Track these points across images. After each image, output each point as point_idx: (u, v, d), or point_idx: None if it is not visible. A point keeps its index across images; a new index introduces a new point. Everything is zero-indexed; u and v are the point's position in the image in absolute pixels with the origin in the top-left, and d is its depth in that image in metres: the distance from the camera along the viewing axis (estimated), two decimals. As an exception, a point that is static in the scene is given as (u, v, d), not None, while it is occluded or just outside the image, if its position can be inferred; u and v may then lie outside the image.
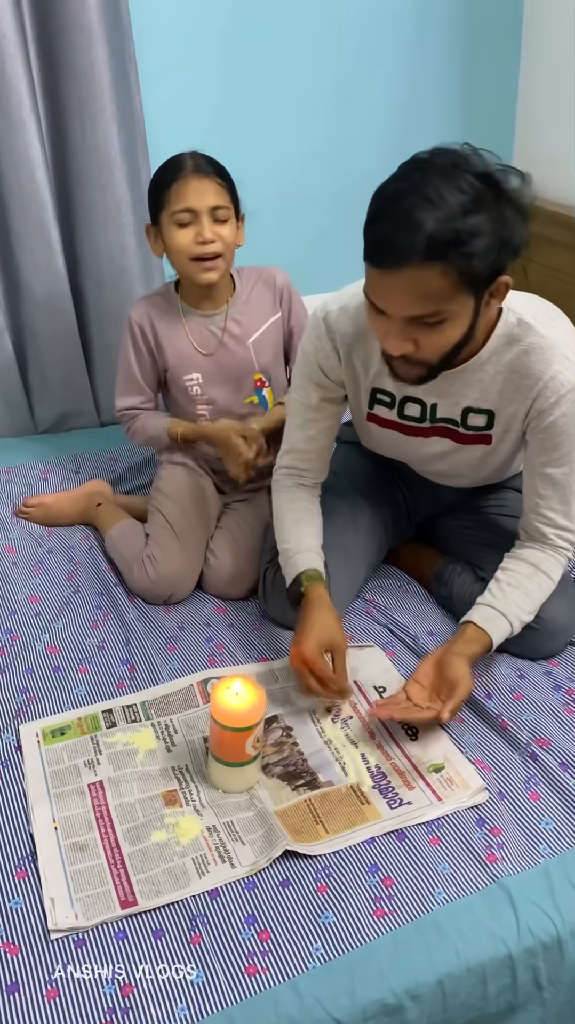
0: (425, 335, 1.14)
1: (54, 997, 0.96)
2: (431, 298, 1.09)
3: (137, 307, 1.68)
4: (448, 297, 1.10)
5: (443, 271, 1.07)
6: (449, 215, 1.05)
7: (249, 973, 0.98)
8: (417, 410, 1.37)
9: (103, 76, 1.88)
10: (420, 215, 1.05)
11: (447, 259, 1.06)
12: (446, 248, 1.05)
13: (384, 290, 1.12)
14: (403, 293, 1.10)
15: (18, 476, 1.97)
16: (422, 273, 1.07)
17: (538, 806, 1.18)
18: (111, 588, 1.61)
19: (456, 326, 1.15)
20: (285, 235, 2.17)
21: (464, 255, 1.06)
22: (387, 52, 2.26)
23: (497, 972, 1.02)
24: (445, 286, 1.08)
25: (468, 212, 1.05)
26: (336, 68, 2.23)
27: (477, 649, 1.30)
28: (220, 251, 1.54)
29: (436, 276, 1.07)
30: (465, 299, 1.12)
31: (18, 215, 1.93)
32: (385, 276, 1.10)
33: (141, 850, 1.11)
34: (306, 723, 1.32)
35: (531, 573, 1.34)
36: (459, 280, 1.08)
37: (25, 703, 1.35)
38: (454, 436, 1.39)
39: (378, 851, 1.12)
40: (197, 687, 1.37)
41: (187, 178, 1.50)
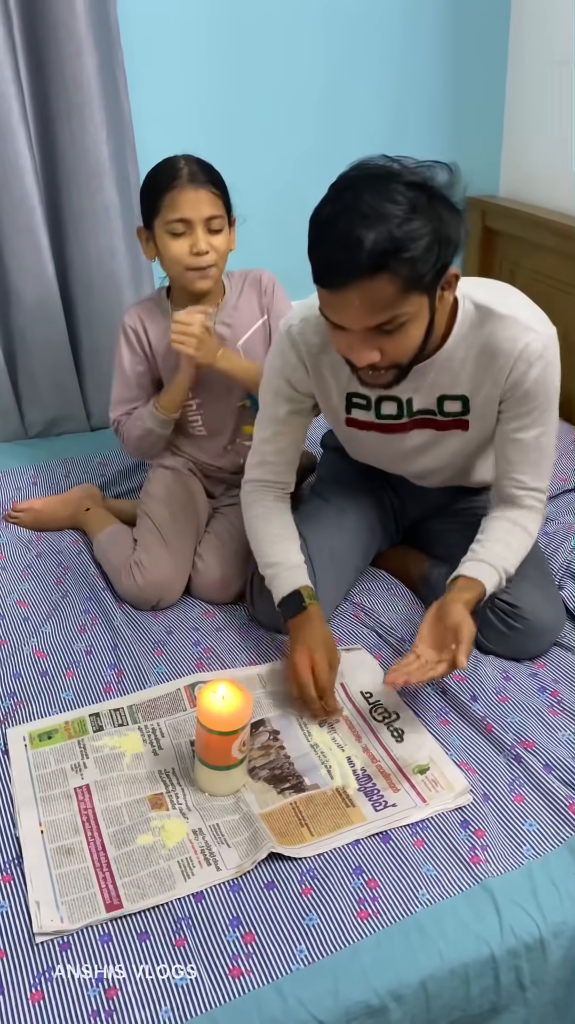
0: (388, 341, 1.17)
1: (38, 1000, 0.96)
2: (384, 306, 1.12)
3: (130, 313, 1.69)
4: (400, 302, 1.13)
5: (390, 279, 1.10)
6: (386, 226, 1.07)
7: (233, 975, 0.99)
8: (394, 407, 1.39)
9: (92, 82, 1.89)
10: (358, 232, 1.07)
11: (390, 268, 1.09)
12: (387, 257, 1.08)
13: (339, 308, 1.15)
14: (357, 308, 1.12)
15: (8, 481, 1.97)
16: (370, 286, 1.10)
17: (522, 808, 1.19)
18: (99, 592, 1.62)
19: (416, 325, 1.17)
20: (276, 240, 2.17)
21: (406, 260, 1.09)
22: (375, 56, 2.27)
23: (480, 973, 1.03)
24: (395, 292, 1.11)
25: (402, 220, 1.08)
26: (325, 73, 2.24)
27: (470, 596, 1.30)
28: (214, 261, 1.55)
29: (385, 285, 1.10)
30: (418, 299, 1.15)
31: (7, 221, 1.94)
32: (336, 295, 1.13)
33: (127, 853, 1.12)
34: (293, 726, 1.33)
35: (509, 527, 1.37)
36: (407, 284, 1.11)
37: (12, 707, 1.35)
38: (433, 425, 1.41)
39: (363, 853, 1.13)
40: (184, 691, 1.38)
41: (182, 187, 1.49)
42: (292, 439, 1.47)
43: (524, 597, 1.42)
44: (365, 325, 1.14)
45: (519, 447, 1.35)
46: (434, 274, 1.14)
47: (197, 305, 1.59)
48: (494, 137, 2.49)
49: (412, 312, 1.15)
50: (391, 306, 1.12)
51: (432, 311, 1.19)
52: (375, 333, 1.16)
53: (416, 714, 1.34)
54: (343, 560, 1.56)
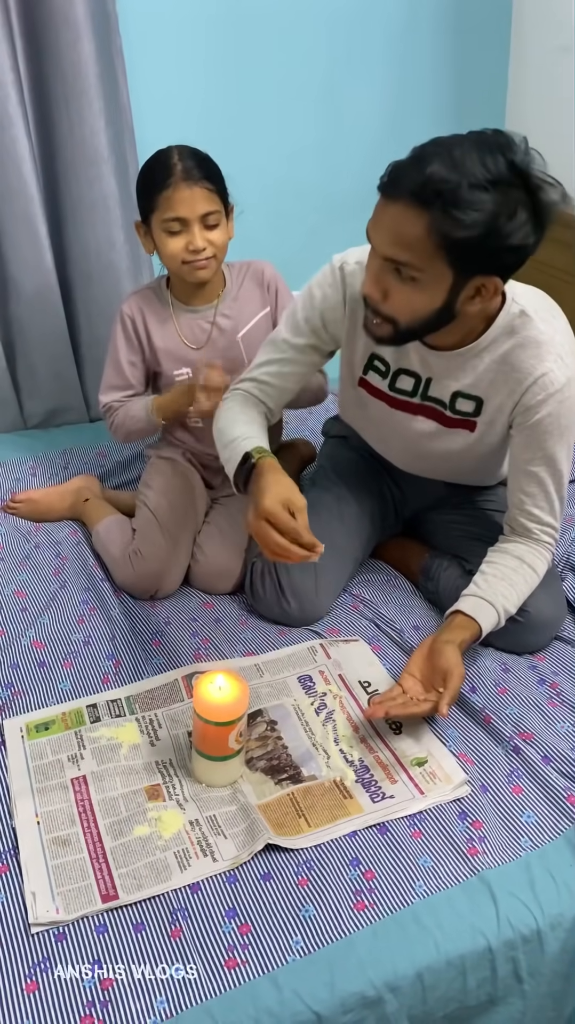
0: (395, 287, 1.15)
1: (34, 990, 0.96)
2: (408, 246, 1.10)
3: (128, 301, 1.68)
4: (425, 254, 1.10)
5: (426, 225, 1.08)
6: (458, 174, 1.05)
7: (229, 966, 0.98)
8: (410, 383, 1.37)
9: (90, 70, 1.87)
10: (433, 160, 1.07)
11: (430, 209, 1.06)
12: (434, 197, 1.06)
13: (377, 220, 1.14)
14: (387, 228, 1.12)
15: (6, 472, 1.96)
16: (408, 214, 1.08)
17: (520, 799, 1.19)
18: (98, 583, 1.61)
19: (424, 294, 1.14)
20: (274, 231, 2.16)
21: (450, 217, 1.06)
22: (377, 48, 2.25)
23: (477, 965, 1.02)
24: (424, 241, 1.09)
25: (476, 185, 1.05)
26: (326, 64, 2.22)
27: (466, 636, 1.29)
28: (212, 255, 1.54)
29: (418, 224, 1.08)
30: (442, 270, 1.11)
31: (5, 210, 1.93)
32: (383, 206, 1.12)
33: (123, 844, 1.11)
34: (290, 717, 1.32)
35: (516, 566, 1.34)
36: (439, 243, 1.08)
37: (10, 698, 1.35)
38: (440, 418, 1.39)
39: (360, 844, 1.12)
40: (182, 681, 1.38)
41: (177, 186, 1.48)
42: (297, 371, 1.43)
43: None
44: (383, 251, 1.13)
45: (533, 480, 1.32)
46: (470, 259, 1.10)
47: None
48: (496, 126, 2.47)
49: (427, 276, 1.12)
50: (413, 250, 1.10)
51: (451, 297, 1.15)
52: (389, 270, 1.14)
53: (414, 705, 1.33)
54: (342, 550, 1.55)
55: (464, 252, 1.09)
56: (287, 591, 1.49)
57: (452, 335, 1.27)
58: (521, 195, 1.08)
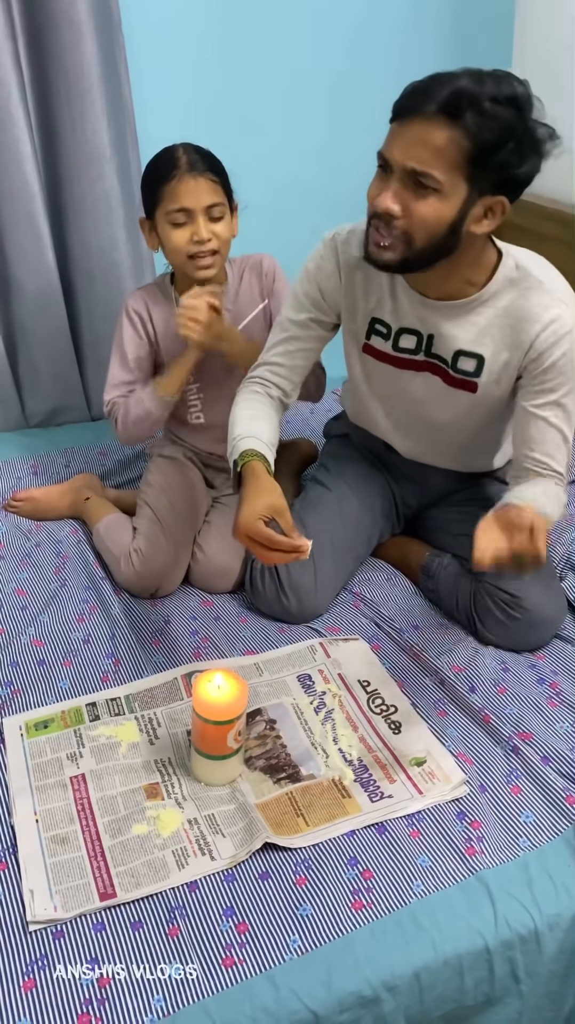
0: (414, 200, 1.18)
1: (31, 988, 0.96)
2: (435, 156, 1.15)
3: (134, 295, 1.68)
4: (448, 166, 1.15)
5: (449, 136, 1.13)
6: (481, 89, 1.12)
7: (226, 965, 0.98)
8: (412, 341, 1.39)
9: (92, 69, 1.87)
10: (459, 81, 1.14)
11: (461, 121, 1.12)
12: (465, 108, 1.12)
13: (397, 138, 1.18)
14: (412, 142, 1.16)
15: (8, 470, 1.97)
16: (433, 126, 1.14)
17: (519, 799, 1.19)
18: (98, 582, 1.61)
19: (443, 206, 1.18)
20: (277, 230, 2.16)
21: (477, 127, 1.12)
22: (380, 47, 2.25)
23: (474, 964, 1.02)
24: (450, 152, 1.14)
25: (497, 100, 1.13)
26: (329, 63, 2.22)
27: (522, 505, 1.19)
28: (216, 248, 1.54)
29: (442, 135, 1.14)
30: (459, 181, 1.16)
31: (7, 209, 1.93)
32: (403, 125, 1.17)
33: (122, 843, 1.12)
34: (289, 716, 1.32)
35: (542, 484, 1.31)
36: (464, 154, 1.14)
37: (9, 696, 1.35)
38: (444, 376, 1.40)
39: (358, 844, 1.12)
40: (181, 680, 1.38)
41: (182, 177, 1.48)
42: (304, 347, 1.47)
43: (525, 588, 1.41)
44: (408, 163, 1.16)
45: (541, 425, 1.31)
46: (489, 173, 1.16)
47: (203, 287, 1.57)
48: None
49: (447, 189, 1.16)
50: (437, 161, 1.15)
51: (463, 212, 1.19)
52: (409, 185, 1.18)
53: (413, 705, 1.33)
54: (343, 548, 1.55)
55: (481, 163, 1.15)
56: (287, 587, 1.49)
57: (451, 280, 1.30)
58: (525, 119, 1.16)
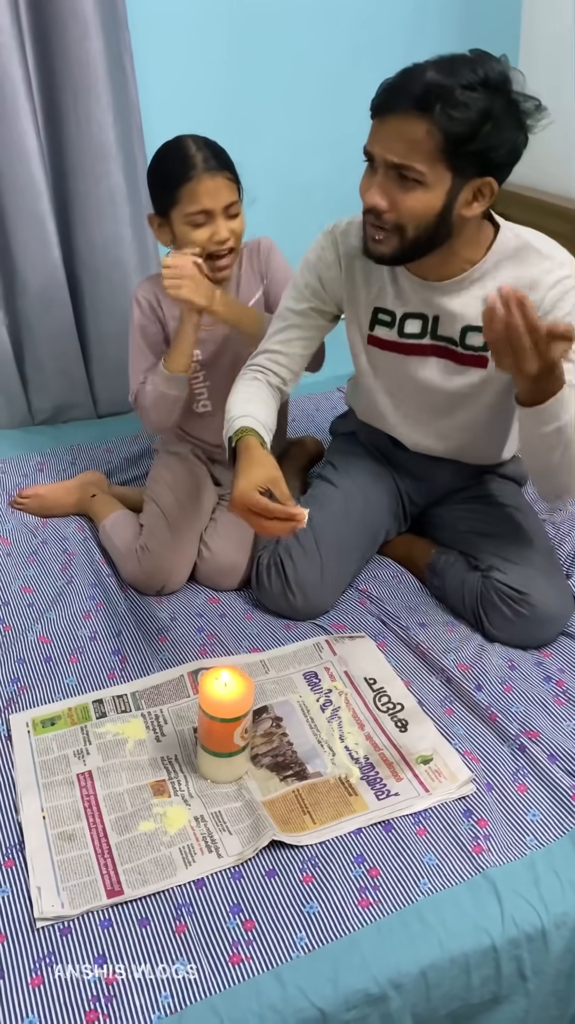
0: (400, 194, 1.20)
1: (38, 984, 0.96)
2: (413, 149, 1.17)
3: (143, 285, 1.68)
4: (428, 157, 1.17)
5: (428, 128, 1.15)
6: (449, 78, 1.14)
7: (233, 962, 0.99)
8: (418, 326, 1.40)
9: (98, 65, 1.87)
10: (425, 70, 1.16)
11: (433, 112, 1.14)
12: (435, 100, 1.13)
13: (377, 134, 1.21)
14: (390, 137, 1.19)
15: (14, 467, 1.97)
16: (410, 121, 1.16)
17: (526, 798, 1.18)
18: (104, 579, 1.61)
19: (430, 196, 1.20)
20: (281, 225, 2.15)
21: (449, 117, 1.14)
22: (384, 41, 2.24)
23: (481, 963, 1.02)
24: (427, 144, 1.16)
25: (468, 87, 1.14)
26: (334, 58, 2.21)
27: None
28: (234, 246, 1.54)
29: (421, 129, 1.15)
30: (442, 170, 1.18)
31: (13, 206, 1.93)
32: (380, 123, 1.20)
33: (128, 840, 1.12)
34: (296, 714, 1.32)
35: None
36: (441, 144, 1.16)
37: (16, 693, 1.35)
38: (453, 356, 1.40)
39: (364, 841, 1.12)
40: (188, 677, 1.38)
41: (199, 178, 1.47)
42: (304, 335, 1.47)
43: (532, 584, 1.41)
44: (389, 157, 1.18)
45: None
46: (470, 159, 1.17)
47: (185, 248, 1.54)
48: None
49: (431, 179, 1.18)
50: (418, 153, 1.16)
51: (450, 199, 1.20)
52: (394, 178, 1.19)
53: (420, 703, 1.33)
54: (349, 546, 1.55)
55: (460, 149, 1.16)
56: (293, 584, 1.49)
57: (450, 262, 1.31)
58: (505, 98, 1.17)
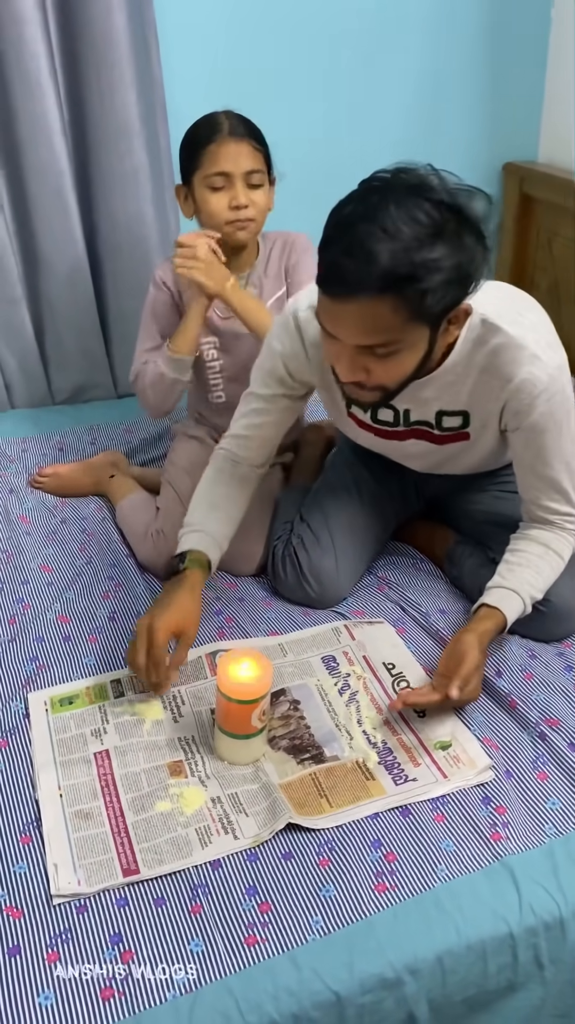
0: (377, 364, 1.10)
1: (55, 960, 0.96)
2: (382, 330, 1.06)
3: (163, 265, 1.67)
4: (400, 329, 1.06)
5: (395, 306, 1.03)
6: (405, 247, 0.99)
7: (249, 943, 0.99)
8: (390, 415, 1.35)
9: (122, 41, 1.85)
10: (373, 245, 0.99)
11: (398, 293, 1.01)
12: (400, 283, 1.01)
13: (334, 318, 1.07)
14: (353, 324, 1.06)
15: (34, 446, 1.97)
16: (373, 305, 1.02)
17: (545, 786, 1.17)
18: (123, 559, 1.61)
19: (410, 356, 1.11)
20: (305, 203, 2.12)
21: (419, 291, 1.02)
22: (414, 18, 2.21)
23: (497, 950, 1.01)
24: (397, 319, 1.04)
25: (425, 244, 1.00)
26: (361, 35, 2.18)
27: (489, 626, 1.28)
28: (253, 216, 1.52)
29: (388, 310, 1.03)
30: (419, 330, 1.08)
31: (36, 183, 1.92)
32: (335, 304, 1.05)
33: (145, 819, 1.12)
34: (314, 697, 1.31)
35: (542, 552, 1.32)
36: (411, 314, 1.04)
37: (35, 671, 1.35)
38: (430, 438, 1.36)
39: (382, 826, 1.12)
40: (206, 659, 1.37)
41: (223, 140, 1.47)
42: (274, 419, 1.40)
43: None
44: (357, 342, 1.08)
45: (541, 477, 1.29)
46: (443, 308, 1.07)
47: (203, 231, 1.53)
48: (535, 100, 2.42)
49: (409, 341, 1.08)
50: (388, 331, 1.06)
51: (431, 344, 1.12)
52: (366, 352, 1.09)
53: (439, 689, 1.32)
54: (363, 530, 1.54)
55: (436, 308, 1.06)
56: (308, 574, 1.48)
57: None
58: (458, 225, 1.03)
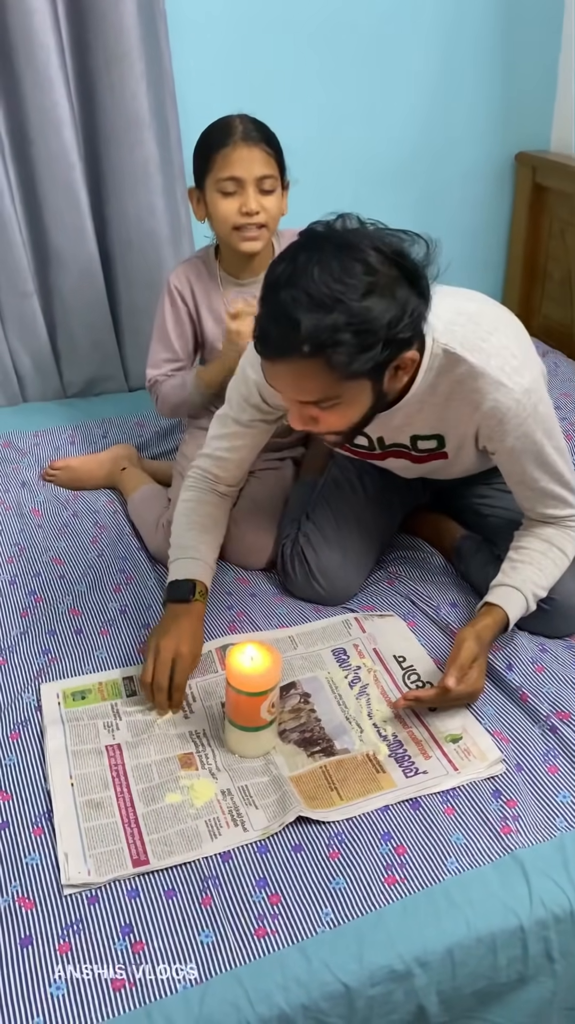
0: (323, 414, 1.10)
1: (66, 951, 0.97)
2: (317, 389, 1.05)
3: (177, 271, 1.66)
4: (336, 386, 1.05)
5: (324, 366, 1.01)
6: (328, 315, 0.98)
7: (259, 935, 0.99)
8: (365, 441, 1.35)
9: (132, 32, 1.85)
10: (296, 314, 0.98)
11: (326, 356, 1.00)
12: (323, 348, 1.00)
13: (272, 375, 1.08)
14: (289, 383, 1.06)
15: (46, 440, 1.98)
16: (302, 367, 1.02)
17: (556, 779, 1.17)
18: (134, 552, 1.62)
19: (355, 407, 1.10)
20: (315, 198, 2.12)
21: (346, 354, 1.00)
22: (426, 8, 2.19)
23: (508, 943, 1.01)
24: (330, 378, 1.03)
25: (352, 306, 0.98)
26: (372, 26, 2.17)
27: (488, 621, 1.27)
28: (264, 222, 1.51)
29: (318, 370, 1.02)
30: (358, 385, 1.06)
31: (46, 176, 1.92)
32: (270, 364, 1.06)
33: (155, 810, 1.12)
34: (324, 690, 1.32)
35: (545, 549, 1.32)
36: (344, 374, 1.03)
37: (47, 664, 1.36)
38: (408, 457, 1.37)
39: (392, 819, 1.12)
40: (216, 653, 1.37)
41: (235, 145, 1.46)
42: (250, 443, 1.40)
43: None
44: (296, 399, 1.08)
45: (531, 489, 1.29)
46: (378, 364, 1.05)
47: (246, 299, 1.54)
48: (547, 89, 2.40)
49: (349, 396, 1.07)
50: (323, 389, 1.05)
51: (377, 393, 1.10)
52: (308, 406, 1.09)
53: (450, 682, 1.32)
54: (370, 526, 1.54)
55: (367, 366, 1.03)
56: (317, 572, 1.48)
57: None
58: (391, 277, 1.01)
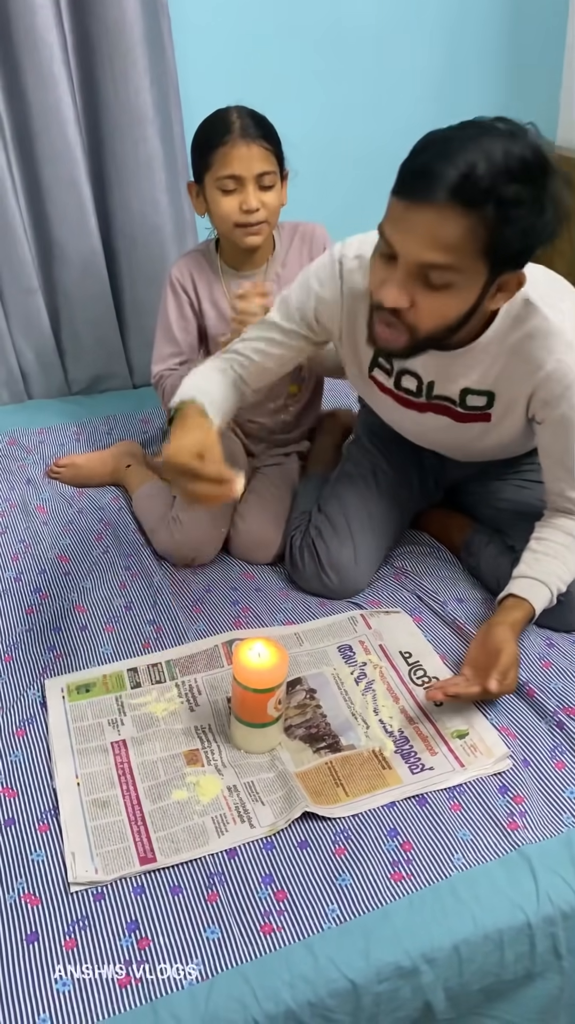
0: (425, 296, 1.06)
1: (72, 947, 0.97)
2: (450, 249, 1.02)
3: (178, 264, 1.66)
4: (465, 256, 1.02)
5: (471, 225, 1.00)
6: (498, 170, 0.98)
7: (265, 932, 0.99)
8: (414, 384, 1.32)
9: (135, 27, 1.84)
10: (470, 156, 0.98)
11: (481, 210, 0.99)
12: (485, 197, 0.98)
13: (405, 226, 1.03)
14: (423, 232, 1.02)
15: (51, 437, 1.98)
16: (451, 215, 1.00)
17: (563, 775, 1.16)
18: (139, 549, 1.61)
19: (458, 298, 1.07)
20: (319, 192, 2.12)
21: (499, 215, 0.99)
22: (429, 8, 2.18)
23: (515, 939, 1.01)
24: (468, 242, 1.01)
25: (516, 178, 0.99)
26: (376, 23, 2.16)
27: (518, 616, 1.26)
28: (265, 218, 1.51)
29: (463, 226, 1.00)
30: (480, 270, 1.04)
31: (50, 172, 1.92)
32: (410, 210, 1.02)
33: (161, 808, 1.12)
34: (330, 686, 1.31)
35: (569, 543, 1.30)
36: (484, 244, 1.01)
37: (52, 660, 1.36)
38: (451, 414, 1.34)
39: (398, 815, 1.11)
40: (222, 648, 1.37)
41: (234, 142, 1.45)
42: (284, 354, 1.35)
43: None
44: (418, 258, 1.03)
45: (567, 470, 1.28)
46: (510, 255, 1.04)
47: (254, 282, 1.53)
48: (553, 83, 2.38)
49: (464, 279, 1.05)
50: (455, 251, 1.02)
51: (480, 298, 1.08)
52: (419, 278, 1.05)
53: (456, 677, 1.31)
54: (381, 522, 1.53)
55: (506, 249, 1.03)
56: (327, 565, 1.48)
57: (455, 337, 1.18)
58: (545, 184, 1.02)
